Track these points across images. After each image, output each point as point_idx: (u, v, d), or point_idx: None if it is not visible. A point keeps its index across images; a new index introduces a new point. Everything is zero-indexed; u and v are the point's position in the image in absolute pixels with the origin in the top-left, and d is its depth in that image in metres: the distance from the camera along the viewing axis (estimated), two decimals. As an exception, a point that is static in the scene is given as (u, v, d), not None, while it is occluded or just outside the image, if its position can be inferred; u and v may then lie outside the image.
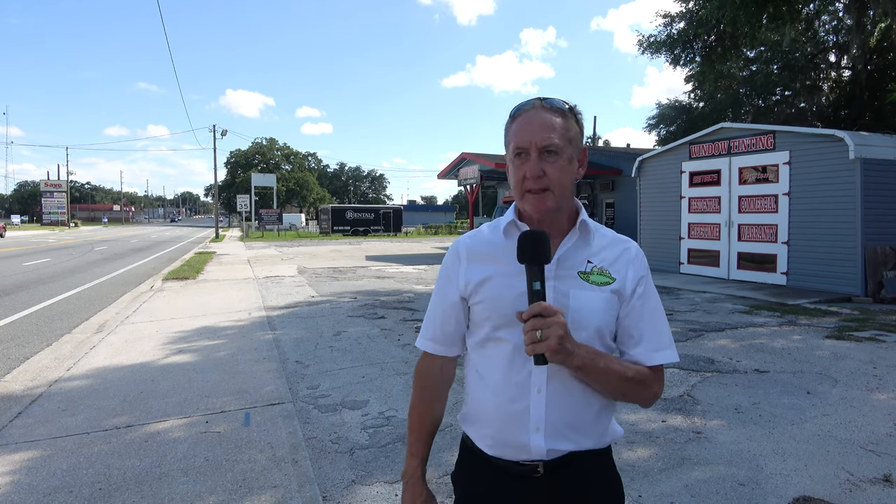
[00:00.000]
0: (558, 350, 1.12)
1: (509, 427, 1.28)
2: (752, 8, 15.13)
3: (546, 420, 1.26)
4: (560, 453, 1.27)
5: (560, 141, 1.25)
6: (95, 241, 34.70)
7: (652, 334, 1.29)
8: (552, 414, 1.26)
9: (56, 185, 76.08)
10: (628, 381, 1.24)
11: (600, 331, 1.27)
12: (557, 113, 1.27)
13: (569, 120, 1.28)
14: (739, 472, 3.37)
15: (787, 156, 11.29)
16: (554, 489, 1.29)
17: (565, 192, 1.27)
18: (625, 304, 1.30)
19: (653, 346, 1.29)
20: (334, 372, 5.51)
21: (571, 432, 1.27)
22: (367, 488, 3.18)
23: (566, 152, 1.26)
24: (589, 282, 1.27)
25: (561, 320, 1.12)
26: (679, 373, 5.45)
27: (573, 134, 1.28)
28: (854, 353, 6.17)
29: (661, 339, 1.30)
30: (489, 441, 1.32)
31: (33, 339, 7.17)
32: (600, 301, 1.27)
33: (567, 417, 1.26)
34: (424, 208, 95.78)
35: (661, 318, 1.32)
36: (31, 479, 3.29)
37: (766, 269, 11.79)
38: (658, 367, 1.29)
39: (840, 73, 24.01)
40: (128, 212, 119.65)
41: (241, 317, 8.48)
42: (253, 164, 73.41)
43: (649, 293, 1.32)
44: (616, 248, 1.33)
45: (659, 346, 1.29)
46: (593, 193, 22.68)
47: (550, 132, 1.24)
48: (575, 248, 1.31)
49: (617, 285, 1.28)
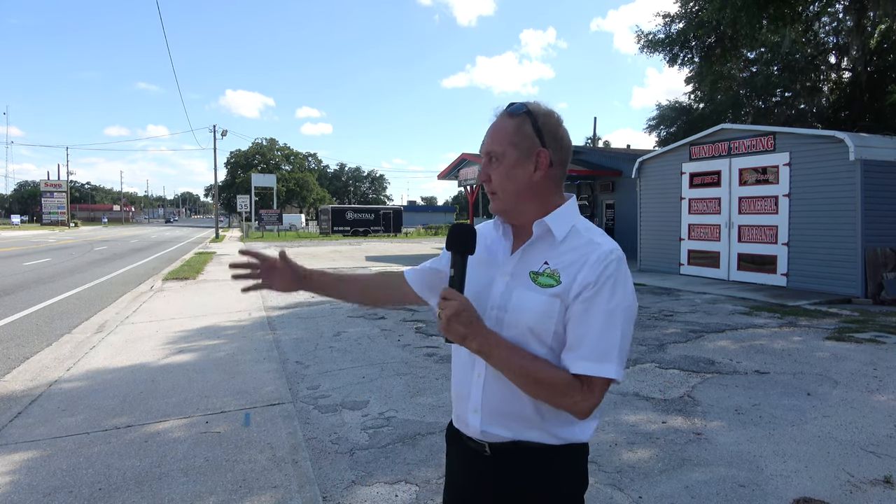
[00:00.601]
0: (448, 329, 1.19)
1: (460, 405, 1.39)
2: (753, 9, 15.14)
3: (482, 404, 1.32)
4: (499, 439, 1.31)
5: (501, 147, 1.30)
6: (95, 241, 34.70)
7: (588, 342, 1.20)
8: (488, 398, 1.32)
9: (56, 185, 76.06)
10: (538, 384, 1.21)
11: (533, 331, 1.26)
12: (514, 117, 1.31)
13: (524, 122, 1.30)
14: (740, 473, 3.37)
15: (787, 157, 11.30)
16: (497, 474, 1.33)
17: (511, 196, 1.32)
18: (568, 309, 1.25)
19: (584, 354, 1.20)
20: (334, 372, 5.51)
21: (508, 420, 1.30)
22: (367, 489, 3.18)
23: (510, 156, 1.30)
24: (536, 283, 1.28)
25: (454, 304, 1.19)
26: (679, 374, 5.45)
27: (522, 137, 1.30)
28: (854, 354, 6.17)
29: (596, 349, 1.20)
30: (454, 415, 1.45)
31: (33, 339, 7.17)
32: (538, 303, 1.26)
33: (502, 405, 1.30)
34: (424, 209, 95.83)
35: (607, 329, 1.21)
36: (31, 479, 3.29)
37: (766, 271, 11.79)
38: (585, 377, 1.21)
39: (840, 74, 24.01)
40: (128, 212, 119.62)
41: (241, 317, 8.48)
42: (253, 165, 73.41)
43: (599, 300, 1.21)
44: (580, 251, 1.27)
45: (591, 355, 1.20)
46: (593, 194, 22.67)
47: (495, 138, 1.32)
48: (535, 248, 1.33)
49: (560, 289, 1.25)
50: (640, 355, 6.12)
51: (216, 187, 46.30)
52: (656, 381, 5.21)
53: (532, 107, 1.33)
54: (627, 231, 19.12)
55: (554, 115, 1.34)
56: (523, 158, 1.30)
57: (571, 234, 1.32)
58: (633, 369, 5.60)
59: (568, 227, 1.32)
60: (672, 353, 6.25)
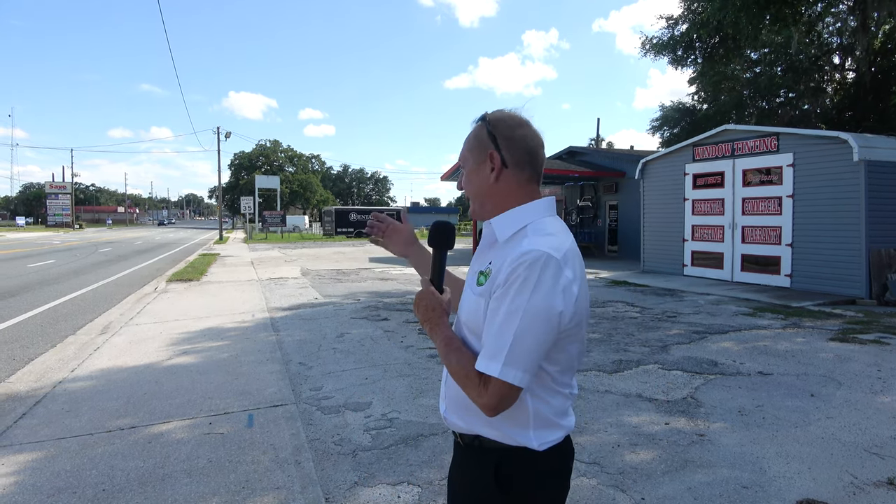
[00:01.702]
0: (416, 314, 1.39)
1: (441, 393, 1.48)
2: (754, 10, 15.12)
3: (445, 392, 1.43)
4: (459, 428, 1.39)
5: (463, 155, 1.41)
6: (100, 242, 34.81)
7: (487, 341, 1.23)
8: (449, 388, 1.41)
9: (61, 186, 76.38)
10: (454, 374, 1.30)
11: (468, 326, 1.35)
12: (476, 126, 1.40)
13: (481, 129, 1.38)
14: (743, 474, 3.36)
15: (790, 158, 11.27)
16: (459, 463, 1.44)
17: (476, 199, 1.40)
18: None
19: (483, 352, 1.23)
20: (337, 374, 5.51)
21: (462, 411, 1.36)
22: (370, 490, 3.19)
23: (469, 162, 1.39)
24: (477, 283, 1.35)
25: (419, 292, 1.37)
26: (682, 375, 5.44)
27: (478, 142, 1.38)
28: (858, 355, 6.15)
29: (490, 347, 1.22)
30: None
31: (38, 341, 7.20)
32: (470, 301, 1.35)
33: (458, 395, 1.34)
34: (428, 210, 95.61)
35: (502, 328, 1.20)
36: (36, 480, 3.30)
37: (769, 272, 11.76)
38: (484, 375, 1.22)
39: (844, 75, 23.97)
40: (132, 213, 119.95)
41: (244, 318, 8.50)
42: (257, 166, 73.53)
43: (504, 300, 1.21)
44: (514, 251, 1.25)
45: (485, 353, 1.22)
46: (597, 195, 22.66)
47: (462, 148, 1.42)
48: (485, 249, 1.40)
49: (484, 288, 1.30)
50: (643, 356, 6.11)
51: (220, 189, 46.39)
52: (659, 383, 5.20)
53: (491, 114, 1.39)
54: (631, 232, 19.10)
55: (515, 118, 1.37)
56: (480, 163, 1.37)
57: (518, 234, 1.32)
58: (636, 370, 5.59)
59: (515, 228, 1.33)
60: (675, 354, 6.24)
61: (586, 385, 5.09)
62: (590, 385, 5.11)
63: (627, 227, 20.20)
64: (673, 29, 20.80)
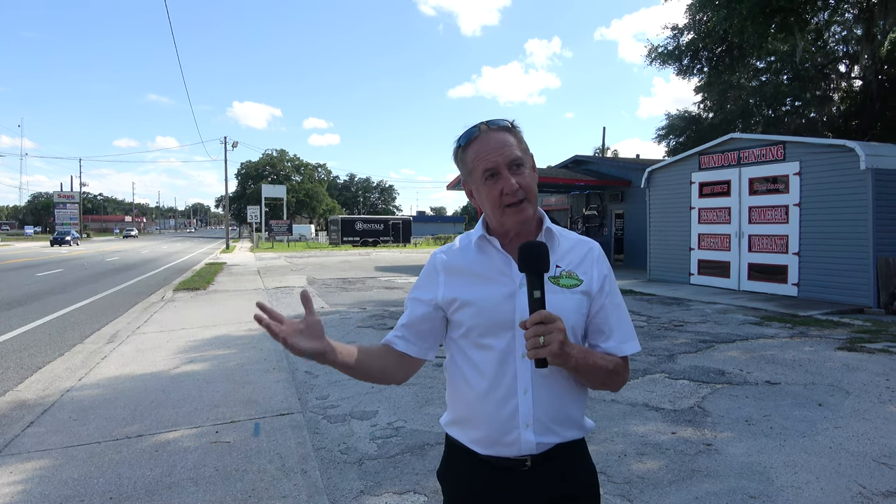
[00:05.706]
0: (559, 354, 1.19)
1: (501, 427, 1.35)
2: (760, 19, 15.16)
3: (534, 417, 1.35)
4: (547, 446, 1.37)
5: (521, 153, 1.36)
6: (107, 252, 35.00)
7: (620, 328, 1.40)
8: (539, 411, 1.35)
9: (69, 196, 76.89)
10: (610, 373, 1.36)
11: (574, 330, 1.36)
12: (505, 130, 1.37)
13: (517, 134, 1.39)
14: (750, 484, 3.34)
15: (797, 166, 11.25)
16: (540, 479, 1.38)
17: (536, 200, 1.38)
18: (594, 303, 1.39)
19: (622, 338, 1.39)
20: (343, 382, 5.52)
21: (556, 426, 1.37)
22: (376, 499, 3.19)
23: (528, 162, 1.38)
24: (559, 285, 1.36)
25: (561, 326, 1.19)
26: (689, 384, 5.42)
27: (524, 145, 1.40)
28: (866, 364, 6.11)
29: (627, 331, 1.41)
30: (481, 442, 1.39)
31: (46, 349, 7.24)
32: (572, 302, 1.36)
33: (552, 413, 1.36)
34: (433, 219, 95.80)
35: (625, 313, 1.42)
36: (43, 488, 3.32)
37: (776, 280, 11.71)
38: (626, 357, 1.41)
39: (850, 83, 23.91)
40: (139, 223, 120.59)
41: (251, 327, 8.52)
42: (263, 176, 73.86)
43: (614, 290, 1.42)
44: (580, 249, 1.42)
45: (626, 338, 1.40)
46: (603, 204, 22.63)
47: (511, 148, 1.34)
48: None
49: (585, 286, 1.38)
50: (649, 366, 6.09)
51: (227, 198, 46.66)
52: (666, 392, 5.18)
53: (510, 121, 1.41)
54: (637, 241, 19.06)
55: None
56: (531, 164, 1.40)
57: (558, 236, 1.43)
58: (643, 379, 5.57)
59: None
60: (682, 363, 6.21)
61: (593, 394, 5.05)
62: (596, 394, 5.09)
63: (633, 236, 20.15)
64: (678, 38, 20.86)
